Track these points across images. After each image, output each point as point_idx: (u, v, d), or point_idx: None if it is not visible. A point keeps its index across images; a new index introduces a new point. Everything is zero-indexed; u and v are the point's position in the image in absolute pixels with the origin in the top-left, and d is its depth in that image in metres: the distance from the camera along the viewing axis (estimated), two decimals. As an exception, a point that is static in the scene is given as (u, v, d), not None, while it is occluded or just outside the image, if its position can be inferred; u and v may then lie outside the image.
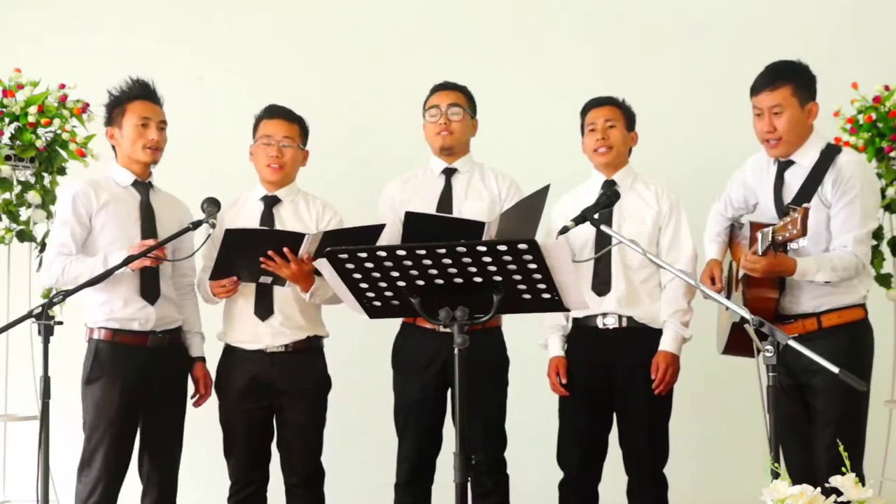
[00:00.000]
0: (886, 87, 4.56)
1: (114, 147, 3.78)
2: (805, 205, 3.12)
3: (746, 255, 3.34)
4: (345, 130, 5.08)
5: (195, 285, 3.88)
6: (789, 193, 3.52)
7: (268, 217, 3.84)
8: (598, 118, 3.83)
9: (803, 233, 3.00)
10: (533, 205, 3.53)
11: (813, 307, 3.45)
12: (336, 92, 5.25)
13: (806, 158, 3.52)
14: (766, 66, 3.56)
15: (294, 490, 3.81)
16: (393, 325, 3.98)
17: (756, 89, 3.54)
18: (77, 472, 3.61)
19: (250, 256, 3.54)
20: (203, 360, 3.87)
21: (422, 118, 3.99)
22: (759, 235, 3.27)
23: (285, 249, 3.51)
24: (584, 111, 3.90)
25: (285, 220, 3.84)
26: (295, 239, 3.52)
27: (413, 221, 3.52)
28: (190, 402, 3.84)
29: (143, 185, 3.74)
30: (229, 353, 3.84)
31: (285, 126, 3.85)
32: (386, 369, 3.97)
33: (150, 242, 3.54)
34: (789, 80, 3.49)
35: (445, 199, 3.90)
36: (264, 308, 3.75)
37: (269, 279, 3.63)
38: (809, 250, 3.40)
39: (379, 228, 3.54)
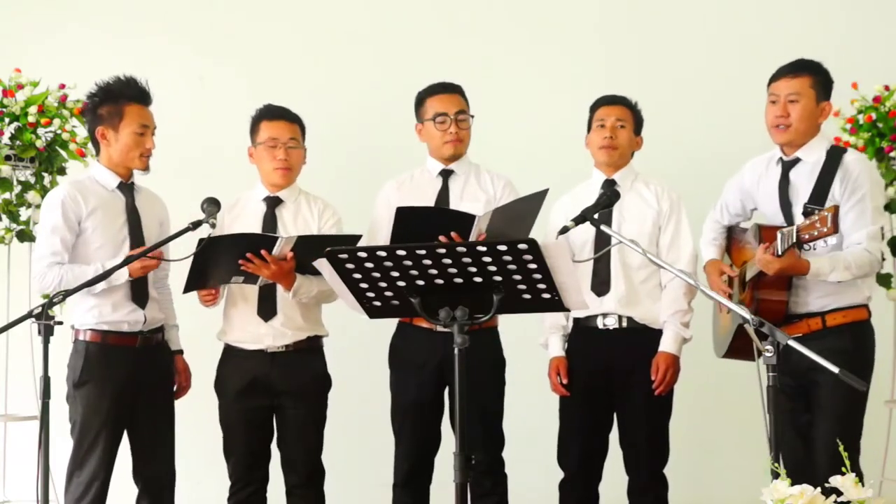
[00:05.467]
0: (886, 87, 4.57)
1: (97, 145, 3.71)
2: (835, 203, 3.18)
3: (761, 255, 3.33)
4: (344, 129, 5.08)
5: (168, 277, 3.85)
6: (795, 193, 3.53)
7: (270, 218, 3.83)
8: (609, 116, 3.82)
9: (835, 230, 3.02)
10: (529, 207, 3.51)
11: (818, 307, 3.46)
12: (335, 90, 5.25)
13: (811, 156, 3.54)
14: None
15: (294, 490, 3.81)
16: (392, 325, 3.98)
17: (776, 77, 3.59)
18: (67, 473, 3.60)
19: (224, 261, 3.54)
20: (181, 352, 3.86)
21: (416, 117, 3.98)
22: (778, 235, 3.27)
23: (263, 251, 3.50)
24: (595, 106, 3.89)
25: (287, 221, 3.84)
26: (267, 241, 3.52)
27: (404, 216, 3.48)
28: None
29: (128, 187, 3.71)
30: (229, 352, 3.84)
31: (289, 127, 3.84)
32: (385, 369, 3.97)
33: (148, 261, 3.52)
34: (810, 72, 3.55)
35: (442, 201, 3.90)
36: (268, 309, 3.75)
37: (240, 279, 3.63)
38: (818, 251, 3.41)
39: (355, 238, 3.51)
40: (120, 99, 3.64)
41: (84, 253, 3.61)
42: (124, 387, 3.60)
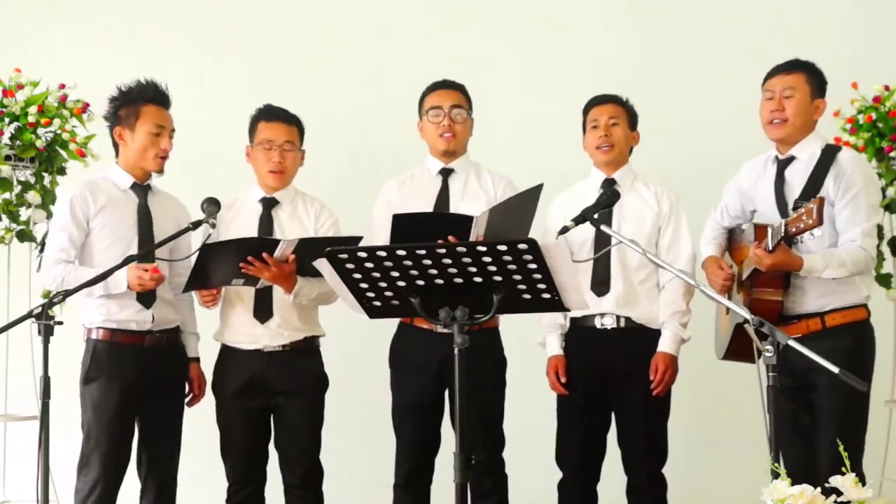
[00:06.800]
0: (886, 87, 4.57)
1: (116, 146, 3.75)
2: (820, 195, 3.18)
3: (754, 251, 3.34)
4: (344, 129, 5.08)
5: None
6: (790, 191, 3.53)
7: (266, 219, 3.83)
8: (602, 115, 3.83)
9: (819, 222, 3.02)
10: (524, 204, 3.49)
11: (817, 307, 3.46)
12: (335, 90, 5.25)
13: (805, 153, 3.55)
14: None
15: (293, 490, 3.81)
16: (392, 325, 3.98)
17: (771, 74, 3.62)
18: (76, 471, 3.62)
19: (224, 263, 3.54)
20: (198, 360, 3.87)
21: (418, 116, 3.99)
22: (769, 230, 3.28)
23: (264, 254, 3.50)
24: (587, 108, 3.90)
25: (283, 221, 3.84)
26: (269, 244, 3.52)
27: (401, 223, 3.47)
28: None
29: (142, 188, 3.73)
30: (226, 353, 3.84)
31: (285, 130, 3.84)
32: (385, 369, 3.97)
33: (145, 276, 3.49)
34: (805, 70, 3.58)
35: (442, 201, 3.89)
36: (264, 310, 3.75)
37: (240, 281, 3.63)
38: (812, 248, 3.41)
39: (356, 240, 3.50)
40: (138, 100, 3.69)
41: (92, 252, 3.63)
42: (132, 386, 3.61)
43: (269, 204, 3.87)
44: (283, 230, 3.81)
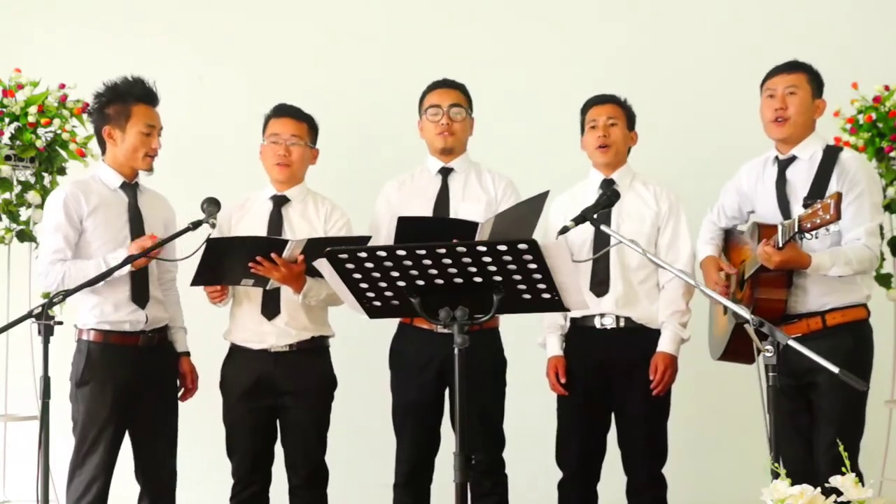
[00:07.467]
0: (886, 87, 4.58)
1: (102, 143, 3.72)
2: (837, 190, 3.17)
3: (762, 249, 3.33)
4: (344, 130, 5.08)
5: (176, 280, 3.86)
6: (792, 190, 3.53)
7: (276, 217, 3.83)
8: (600, 116, 3.83)
9: (837, 217, 3.01)
10: (530, 211, 3.50)
11: (818, 306, 3.46)
12: (335, 90, 5.25)
13: (806, 153, 3.56)
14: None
15: (297, 491, 3.81)
16: (393, 326, 3.98)
17: (772, 74, 3.63)
18: (69, 472, 3.60)
19: (233, 262, 3.53)
20: (188, 354, 3.86)
21: (418, 115, 4.00)
22: (779, 228, 3.28)
23: (273, 254, 3.50)
24: (585, 108, 3.91)
25: (293, 220, 3.84)
26: (278, 244, 3.52)
27: (406, 226, 3.48)
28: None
29: (131, 187, 3.72)
30: (234, 352, 3.84)
31: (293, 125, 3.84)
32: (386, 369, 3.97)
33: (147, 243, 3.52)
34: (805, 70, 3.60)
35: (442, 201, 3.90)
36: (271, 308, 3.75)
37: (250, 281, 3.63)
38: (814, 247, 3.41)
39: (365, 240, 3.51)
40: (127, 98, 3.66)
41: (85, 252, 3.62)
42: (126, 386, 3.60)
43: (279, 202, 3.87)
44: (292, 229, 3.81)
